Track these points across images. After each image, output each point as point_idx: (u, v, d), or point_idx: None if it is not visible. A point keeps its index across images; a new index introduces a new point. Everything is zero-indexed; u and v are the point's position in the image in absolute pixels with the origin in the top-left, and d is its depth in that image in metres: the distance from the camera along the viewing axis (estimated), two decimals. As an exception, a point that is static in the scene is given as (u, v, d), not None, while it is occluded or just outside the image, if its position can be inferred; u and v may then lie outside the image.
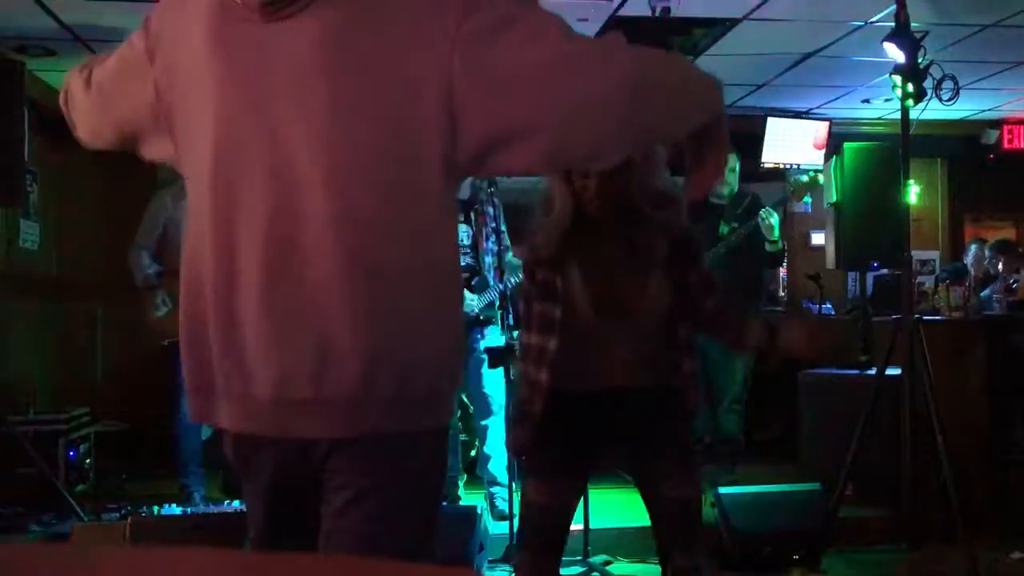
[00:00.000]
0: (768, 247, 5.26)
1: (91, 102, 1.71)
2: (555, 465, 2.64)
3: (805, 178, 5.59)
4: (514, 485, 4.21)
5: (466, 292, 4.80)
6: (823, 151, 7.40)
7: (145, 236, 5.14)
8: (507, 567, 4.14)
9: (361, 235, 1.40)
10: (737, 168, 5.46)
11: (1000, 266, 6.66)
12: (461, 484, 5.27)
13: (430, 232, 1.46)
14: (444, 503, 4.76)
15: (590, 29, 4.91)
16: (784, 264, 7.19)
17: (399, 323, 1.42)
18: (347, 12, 1.41)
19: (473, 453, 5.56)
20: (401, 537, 1.49)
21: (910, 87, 4.37)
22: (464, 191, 4.82)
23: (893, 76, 4.42)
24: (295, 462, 1.50)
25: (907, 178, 4.59)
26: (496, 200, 4.73)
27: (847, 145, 5.60)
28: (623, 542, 4.50)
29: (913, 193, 5.17)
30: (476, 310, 4.82)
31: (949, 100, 5.09)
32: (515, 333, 4.84)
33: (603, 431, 2.67)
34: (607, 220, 2.57)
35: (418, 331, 1.44)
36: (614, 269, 2.57)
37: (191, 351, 1.53)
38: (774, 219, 5.17)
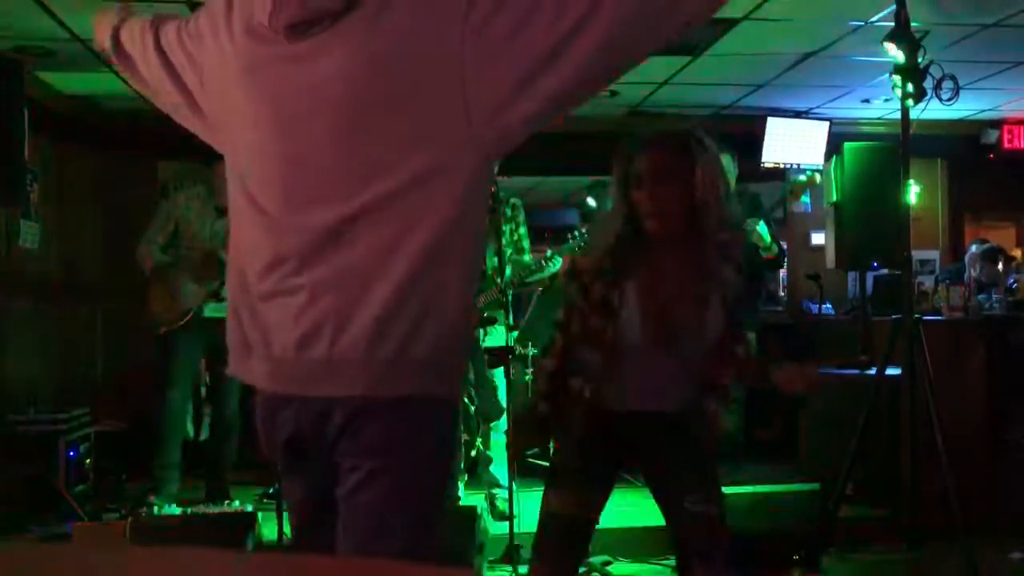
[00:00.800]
0: (763, 253, 5.23)
1: (160, 71, 1.80)
2: (584, 478, 2.64)
3: (803, 177, 5.58)
4: (515, 486, 4.22)
5: None
6: (824, 151, 7.40)
7: (156, 232, 5.18)
8: (507, 567, 4.15)
9: (385, 225, 1.51)
10: (735, 168, 5.46)
11: (1000, 267, 6.66)
12: (461, 484, 5.27)
13: (452, 218, 1.53)
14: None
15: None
16: (784, 264, 7.19)
17: (413, 297, 1.52)
18: (365, 29, 1.52)
19: (473, 453, 5.56)
20: (409, 515, 1.58)
21: (910, 87, 4.37)
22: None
23: (893, 76, 4.42)
24: (311, 429, 1.59)
25: (907, 178, 4.59)
26: (499, 196, 4.76)
27: (847, 145, 5.60)
28: (623, 542, 4.51)
29: (913, 193, 5.16)
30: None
31: (949, 100, 5.09)
32: (514, 334, 4.86)
33: (632, 450, 2.70)
34: (668, 240, 2.51)
35: (428, 303, 1.53)
36: (674, 294, 2.53)
37: (233, 317, 1.68)
38: (759, 227, 5.13)
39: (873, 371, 4.80)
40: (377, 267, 1.51)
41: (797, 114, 7.52)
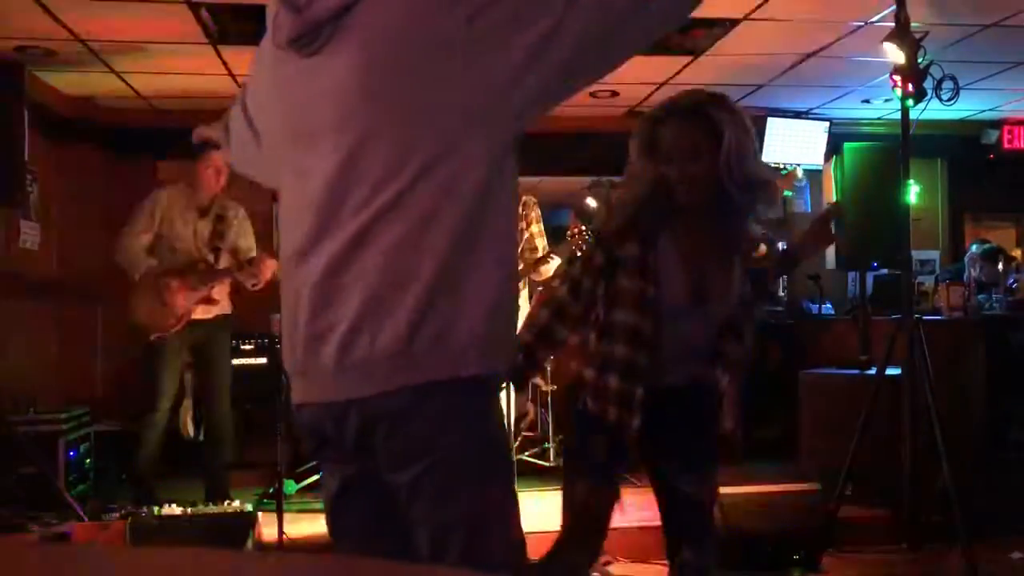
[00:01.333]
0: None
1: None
2: (607, 466, 2.61)
3: (783, 172, 5.59)
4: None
5: None
6: (824, 151, 7.40)
7: (141, 231, 5.10)
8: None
9: (402, 223, 1.51)
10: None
11: (1000, 267, 6.67)
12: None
13: (475, 201, 1.53)
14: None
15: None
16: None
17: (442, 289, 1.52)
18: (365, 37, 1.53)
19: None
20: (469, 508, 1.56)
21: (910, 87, 4.37)
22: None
23: (893, 76, 4.42)
24: (348, 429, 1.58)
25: (907, 178, 4.59)
26: None
27: (847, 145, 5.60)
28: (623, 542, 4.50)
29: (913, 193, 5.17)
30: None
31: (949, 100, 5.10)
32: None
33: (647, 428, 2.58)
34: (697, 207, 2.51)
35: (458, 292, 1.53)
36: (705, 255, 2.53)
37: (284, 337, 1.69)
38: None
39: (873, 371, 4.80)
40: (405, 265, 1.51)
41: (797, 114, 7.52)
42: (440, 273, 1.51)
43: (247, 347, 6.36)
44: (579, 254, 2.62)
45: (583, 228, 5.46)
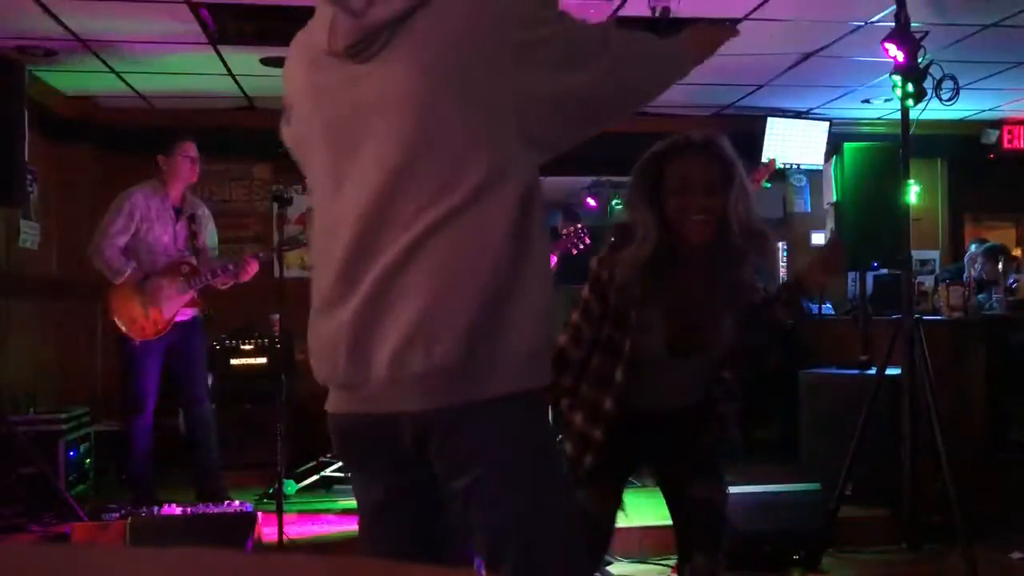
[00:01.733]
0: None
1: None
2: (602, 474, 2.65)
3: (764, 160, 5.57)
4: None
5: None
6: (824, 151, 7.39)
7: (117, 233, 5.02)
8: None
9: (456, 237, 1.52)
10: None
11: (1000, 266, 6.66)
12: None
13: (519, 221, 1.55)
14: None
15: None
16: (784, 263, 7.19)
17: (494, 304, 1.53)
18: (420, 48, 1.54)
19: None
20: (524, 514, 1.57)
21: (910, 87, 4.37)
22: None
23: (893, 76, 4.42)
24: (389, 441, 1.59)
25: (907, 178, 4.59)
26: None
27: (847, 145, 5.60)
28: (623, 542, 4.50)
29: (913, 193, 5.17)
30: None
31: (949, 100, 5.10)
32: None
33: (646, 444, 2.70)
34: (699, 247, 2.48)
35: (509, 308, 1.54)
36: (695, 305, 2.53)
37: (317, 348, 1.67)
38: None
39: (873, 371, 4.80)
40: (457, 279, 1.52)
41: (797, 114, 7.52)
42: (491, 289, 1.52)
43: (247, 347, 6.36)
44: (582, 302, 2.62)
45: (578, 227, 5.49)
